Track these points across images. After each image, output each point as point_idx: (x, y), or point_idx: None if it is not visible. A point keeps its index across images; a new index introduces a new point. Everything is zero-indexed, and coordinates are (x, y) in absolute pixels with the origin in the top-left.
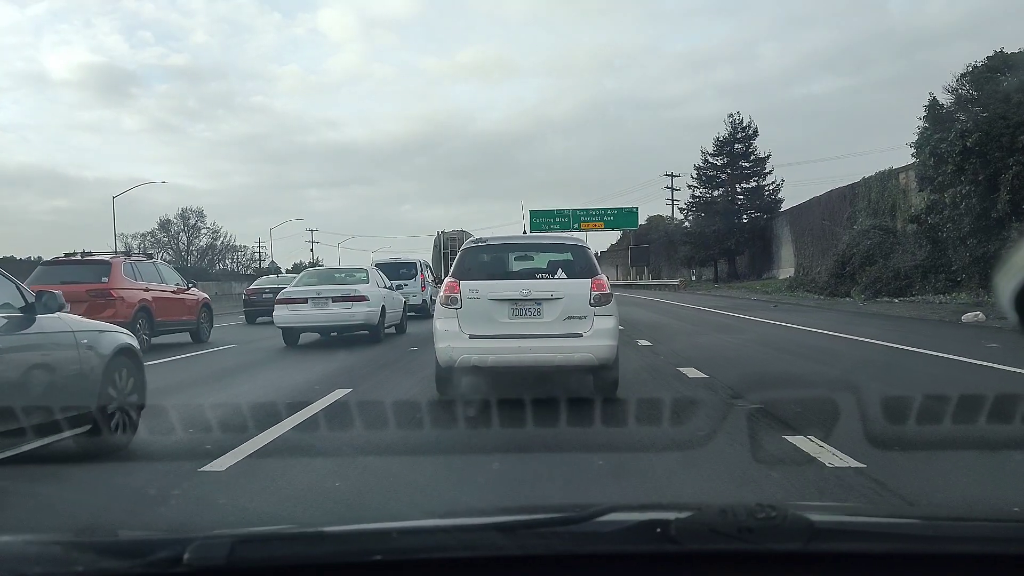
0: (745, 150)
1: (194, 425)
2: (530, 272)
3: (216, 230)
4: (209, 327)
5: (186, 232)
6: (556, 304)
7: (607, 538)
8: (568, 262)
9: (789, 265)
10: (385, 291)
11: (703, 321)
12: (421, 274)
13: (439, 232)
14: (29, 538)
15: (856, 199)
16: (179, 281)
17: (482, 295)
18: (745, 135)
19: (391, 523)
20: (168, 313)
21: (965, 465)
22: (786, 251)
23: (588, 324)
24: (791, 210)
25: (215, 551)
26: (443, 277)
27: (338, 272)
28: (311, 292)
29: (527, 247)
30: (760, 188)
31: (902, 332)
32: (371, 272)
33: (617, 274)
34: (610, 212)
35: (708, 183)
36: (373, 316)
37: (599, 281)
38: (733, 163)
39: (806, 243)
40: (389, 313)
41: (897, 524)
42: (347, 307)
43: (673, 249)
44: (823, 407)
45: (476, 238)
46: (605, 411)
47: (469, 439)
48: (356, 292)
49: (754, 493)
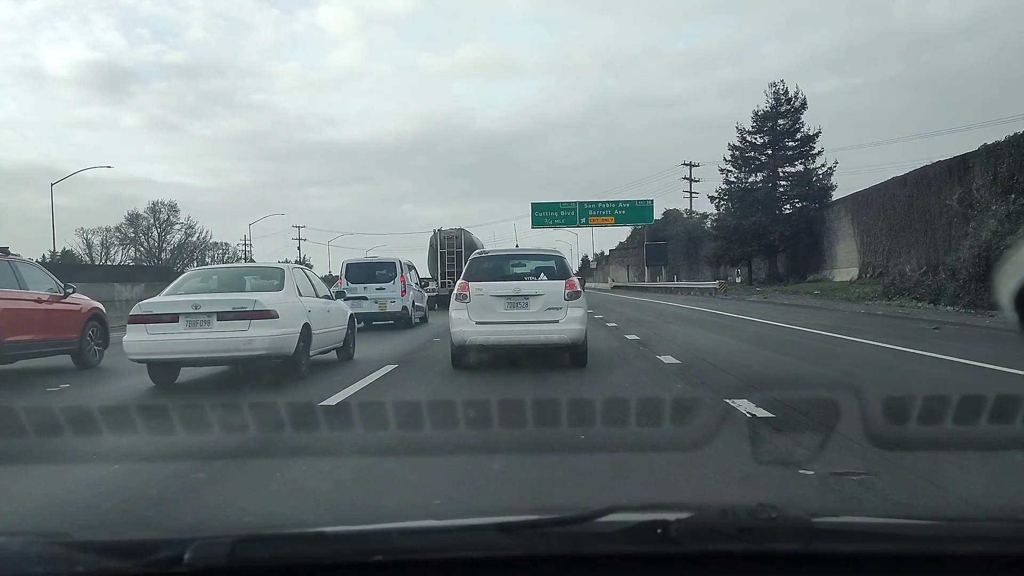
0: (790, 126)
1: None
2: (521, 275)
3: (191, 225)
4: (101, 346)
5: (157, 227)
6: (539, 299)
7: (607, 538)
8: (549, 268)
9: (850, 264)
10: (314, 302)
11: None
12: (402, 276)
13: (435, 231)
14: (29, 538)
15: (971, 174)
16: (52, 286)
17: (485, 292)
18: (791, 108)
19: (391, 523)
20: (29, 329)
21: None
22: (845, 247)
23: (563, 313)
24: (853, 197)
25: (216, 551)
26: (439, 278)
27: (235, 273)
28: (185, 305)
29: (519, 257)
30: (808, 172)
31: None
32: (288, 274)
33: (628, 275)
34: (622, 205)
35: (745, 166)
36: (284, 342)
37: (571, 282)
38: (775, 142)
39: (878, 237)
40: (320, 334)
41: (897, 524)
42: (241, 329)
43: (694, 246)
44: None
45: (481, 250)
46: (606, 411)
47: (468, 439)
48: (256, 305)
49: None
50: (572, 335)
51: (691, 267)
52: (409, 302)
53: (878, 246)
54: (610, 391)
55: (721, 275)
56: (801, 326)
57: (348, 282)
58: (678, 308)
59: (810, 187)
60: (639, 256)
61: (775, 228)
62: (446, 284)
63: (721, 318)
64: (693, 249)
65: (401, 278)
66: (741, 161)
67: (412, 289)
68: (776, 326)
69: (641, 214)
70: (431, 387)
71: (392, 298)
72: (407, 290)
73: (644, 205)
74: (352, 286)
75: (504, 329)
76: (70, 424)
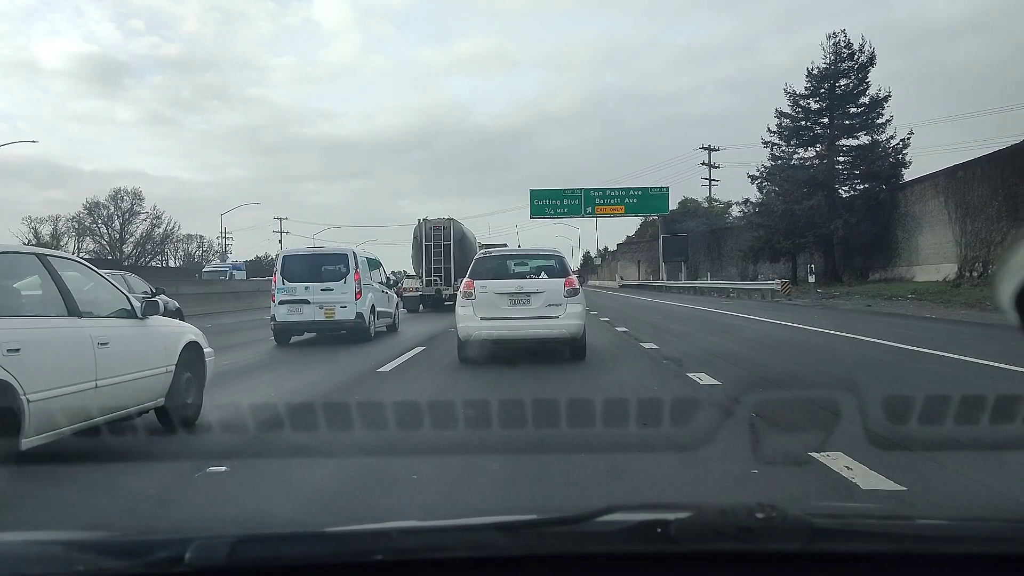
0: (854, 87)
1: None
2: (523, 274)
3: (158, 215)
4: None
5: (119, 217)
6: (540, 296)
7: (607, 538)
8: (550, 267)
9: (942, 259)
10: None
11: None
12: (356, 273)
13: (420, 220)
14: (29, 538)
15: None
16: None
17: (490, 290)
18: (855, 64)
19: (391, 523)
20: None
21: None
22: (932, 238)
23: (563, 309)
24: (949, 172)
25: (216, 551)
26: (425, 275)
27: None
28: None
29: (521, 256)
30: (875, 145)
31: None
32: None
33: (639, 272)
34: (632, 193)
35: (795, 137)
36: None
37: (570, 280)
38: (835, 107)
39: (992, 223)
40: None
41: (897, 524)
42: None
43: (716, 240)
44: None
45: (485, 250)
46: (606, 412)
47: (468, 439)
48: None
49: None
50: (571, 329)
51: (713, 263)
52: (366, 307)
53: (990, 236)
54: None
55: (748, 273)
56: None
57: (284, 280)
58: (742, 320)
59: (879, 164)
60: (651, 251)
61: (838, 214)
62: (433, 282)
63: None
64: (715, 243)
65: (355, 275)
66: (790, 132)
67: (372, 290)
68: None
69: (655, 203)
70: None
71: (343, 301)
72: (364, 291)
73: (658, 193)
74: (289, 286)
75: (507, 324)
76: None
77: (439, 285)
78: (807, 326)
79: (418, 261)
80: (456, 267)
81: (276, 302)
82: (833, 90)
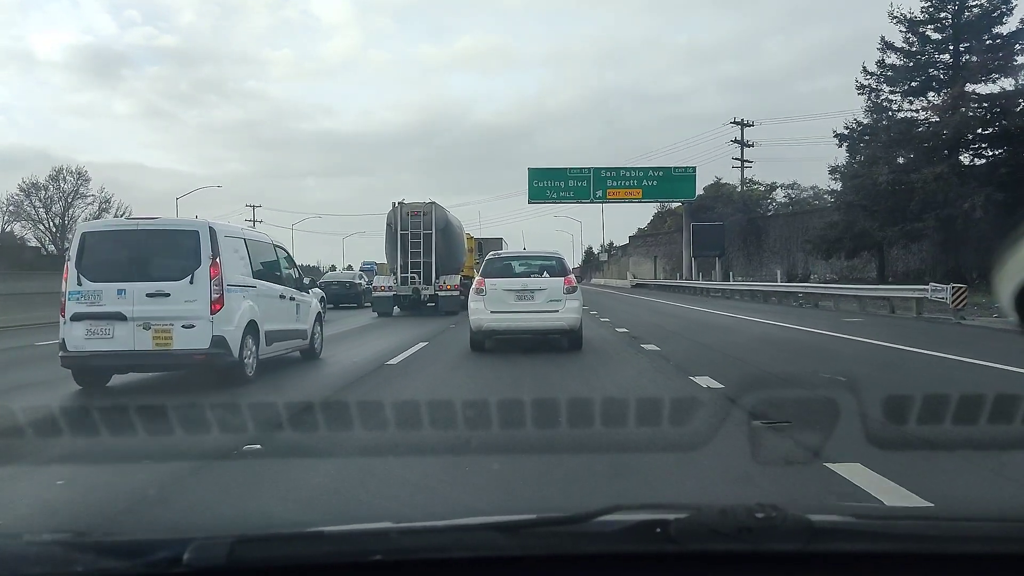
0: (990, 11)
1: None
2: (527, 273)
3: (107, 199)
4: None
5: (61, 200)
6: (542, 292)
7: (607, 538)
8: (551, 267)
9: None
10: None
11: None
12: (214, 264)
13: (395, 204)
14: (29, 538)
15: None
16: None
17: (498, 287)
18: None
19: (391, 523)
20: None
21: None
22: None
23: (562, 304)
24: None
25: (215, 551)
26: (400, 271)
27: None
28: None
29: (526, 258)
30: (1018, 93)
31: None
32: None
33: (655, 269)
34: (653, 173)
35: (906, 79)
36: None
37: (569, 279)
38: (959, 40)
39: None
40: None
41: (897, 524)
42: None
43: (755, 232)
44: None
45: (495, 252)
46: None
47: (468, 439)
48: None
49: None
50: (570, 322)
51: (748, 259)
52: (233, 324)
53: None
54: None
55: (797, 273)
56: None
57: (82, 277)
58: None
59: (1019, 118)
60: (671, 244)
61: (968, 190)
62: (410, 279)
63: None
64: (753, 235)
65: (212, 269)
66: (899, 73)
67: (252, 295)
68: None
69: (679, 186)
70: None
71: (187, 316)
72: (229, 297)
73: (683, 174)
74: (91, 288)
75: (514, 317)
76: (68, 426)
77: (417, 283)
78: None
79: (392, 254)
80: (439, 261)
81: (67, 316)
82: (960, 17)
